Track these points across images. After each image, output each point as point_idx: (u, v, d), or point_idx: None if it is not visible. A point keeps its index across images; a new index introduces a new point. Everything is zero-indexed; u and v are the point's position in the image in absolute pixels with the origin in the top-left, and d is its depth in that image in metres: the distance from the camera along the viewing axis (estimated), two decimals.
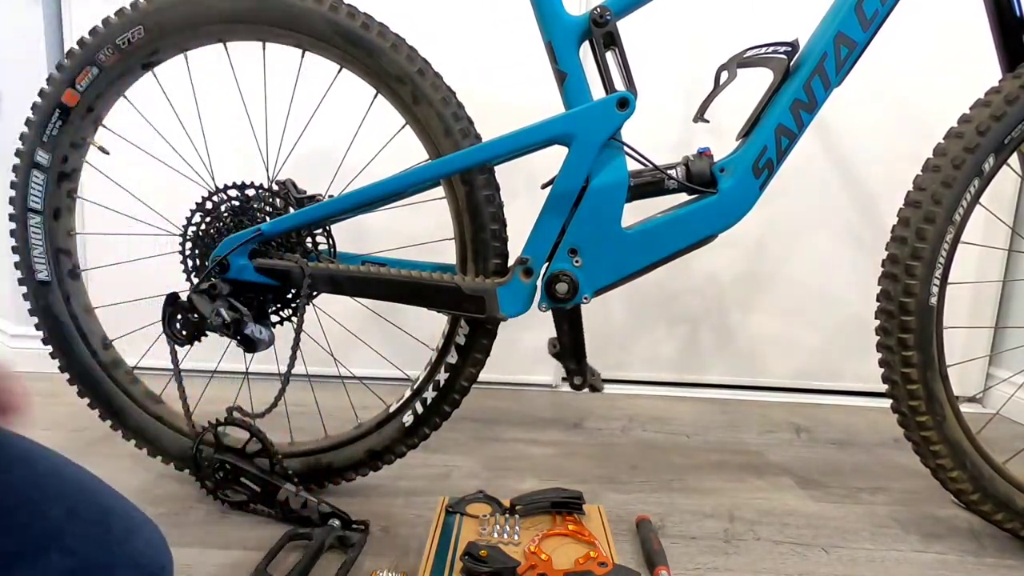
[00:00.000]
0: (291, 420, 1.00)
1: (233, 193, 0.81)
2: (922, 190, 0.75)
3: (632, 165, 0.76)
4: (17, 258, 0.86)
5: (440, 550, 0.72)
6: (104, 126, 0.86)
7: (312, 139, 1.20)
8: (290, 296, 0.84)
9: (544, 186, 0.78)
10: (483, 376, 0.86)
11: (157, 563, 0.40)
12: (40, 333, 0.88)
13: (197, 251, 0.82)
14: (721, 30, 1.29)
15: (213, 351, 0.99)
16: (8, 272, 0.97)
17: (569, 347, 0.81)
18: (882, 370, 0.79)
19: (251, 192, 0.81)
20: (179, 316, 0.79)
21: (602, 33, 0.73)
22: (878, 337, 0.79)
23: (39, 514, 0.38)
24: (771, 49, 0.75)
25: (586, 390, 0.83)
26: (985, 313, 1.39)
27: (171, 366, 0.82)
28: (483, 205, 0.78)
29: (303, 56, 0.82)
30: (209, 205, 0.81)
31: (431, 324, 0.96)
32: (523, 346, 1.38)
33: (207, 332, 0.80)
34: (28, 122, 0.82)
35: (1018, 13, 0.78)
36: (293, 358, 0.79)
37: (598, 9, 0.73)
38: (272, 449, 0.81)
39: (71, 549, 0.37)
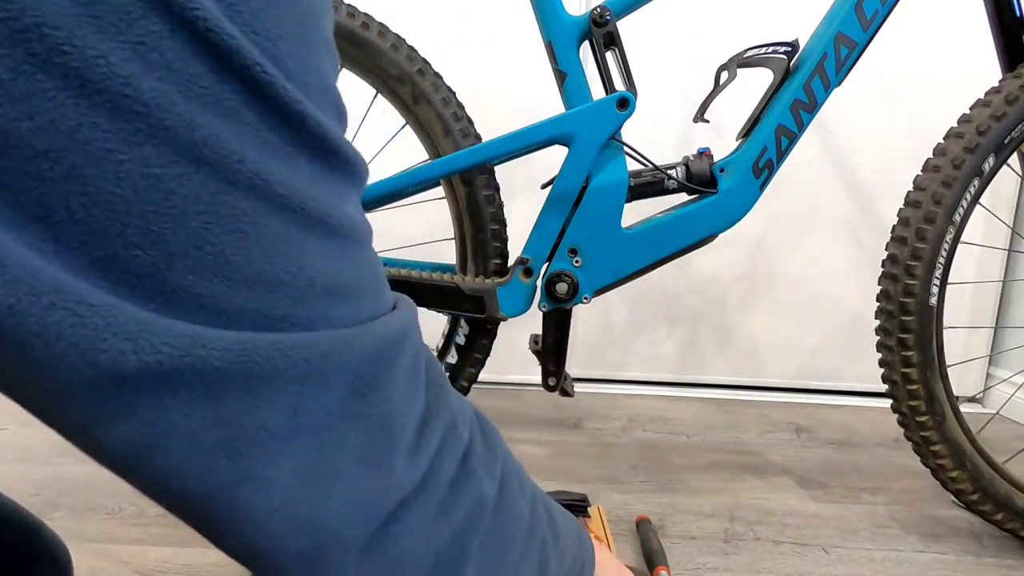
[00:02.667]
0: None
1: None
2: (922, 190, 0.75)
3: (632, 165, 0.76)
4: None
5: None
6: None
7: None
8: None
9: (544, 186, 0.78)
10: (483, 376, 0.86)
11: (67, 555, 0.44)
12: None
13: None
14: (721, 30, 1.29)
15: None
16: None
17: (552, 348, 0.81)
18: (882, 370, 0.79)
19: None
20: None
21: (602, 33, 0.73)
22: (878, 337, 0.78)
23: None
24: (771, 49, 0.75)
25: (557, 393, 0.83)
26: (985, 313, 1.39)
27: None
28: (483, 205, 0.78)
29: None
30: None
31: (431, 324, 0.96)
32: (523, 346, 1.38)
33: None
34: None
35: (1018, 13, 0.78)
36: None
37: (598, 9, 0.73)
38: None
39: None
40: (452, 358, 0.83)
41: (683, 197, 0.80)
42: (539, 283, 0.78)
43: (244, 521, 0.21)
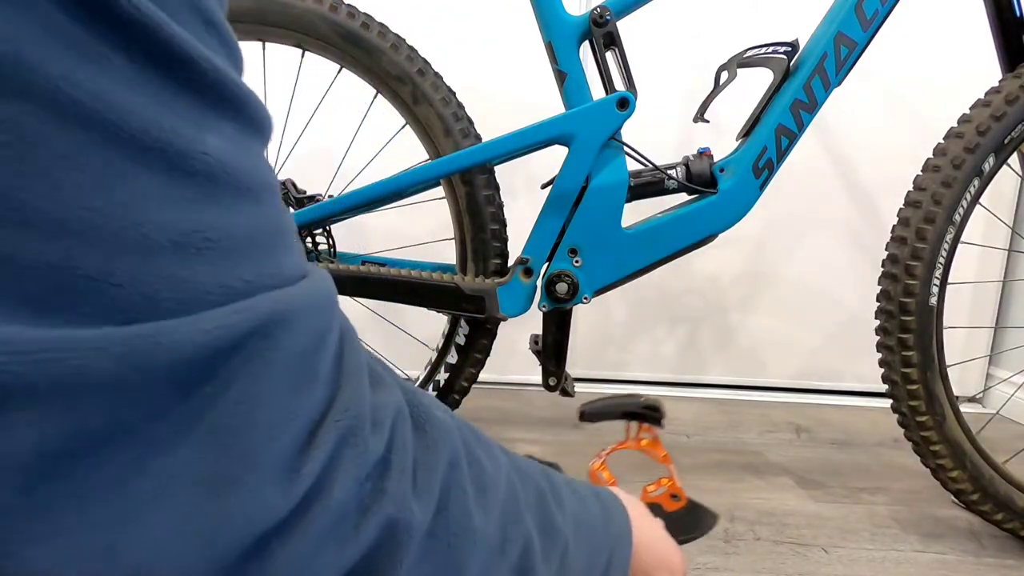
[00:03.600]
0: None
1: None
2: (922, 190, 0.75)
3: (632, 165, 0.76)
4: None
5: None
6: None
7: (312, 139, 1.20)
8: None
9: (544, 186, 0.78)
10: (483, 376, 0.86)
11: None
12: None
13: None
14: (721, 30, 1.29)
15: None
16: None
17: (552, 347, 0.81)
18: (882, 370, 0.79)
19: None
20: None
21: (602, 33, 0.73)
22: (878, 337, 0.78)
23: None
24: (771, 49, 0.75)
25: (558, 393, 0.83)
26: (985, 313, 1.39)
27: None
28: (483, 205, 0.78)
29: (303, 56, 0.82)
30: None
31: (431, 324, 0.96)
32: (523, 346, 1.38)
33: None
34: None
35: (1018, 13, 0.78)
36: None
37: (598, 9, 0.73)
38: None
39: None
40: (452, 358, 0.83)
41: (683, 197, 0.80)
42: (539, 283, 0.77)
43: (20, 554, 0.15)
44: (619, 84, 0.75)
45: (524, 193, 1.24)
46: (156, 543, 0.17)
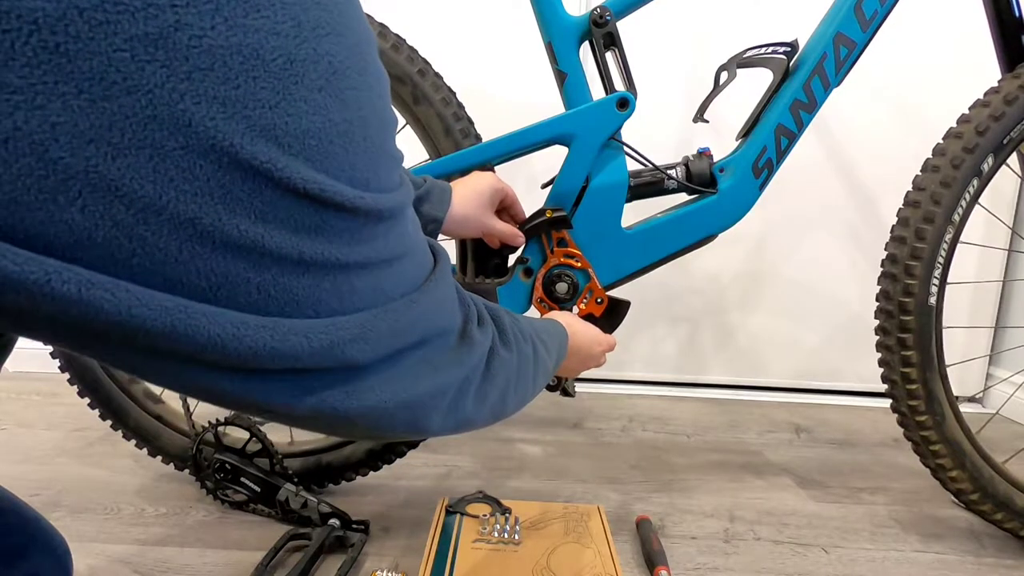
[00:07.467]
0: None
1: None
2: (921, 190, 0.75)
3: (632, 165, 0.76)
4: None
5: (440, 550, 0.72)
6: None
7: None
8: None
9: (544, 186, 0.78)
10: None
11: (64, 546, 0.45)
12: None
13: None
14: (721, 30, 1.29)
15: None
16: None
17: None
18: (882, 370, 0.79)
19: None
20: None
21: (602, 33, 0.73)
22: (878, 337, 0.79)
23: None
24: (771, 49, 0.75)
25: (558, 393, 0.83)
26: (985, 313, 1.39)
27: None
28: None
29: None
30: None
31: None
32: None
33: None
34: None
35: (1018, 13, 0.78)
36: None
37: (598, 9, 0.73)
38: (272, 449, 0.81)
39: None
40: None
41: (683, 197, 0.80)
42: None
43: (365, 414, 0.30)
44: (619, 84, 0.75)
45: (524, 193, 1.23)
46: (423, 394, 0.33)
